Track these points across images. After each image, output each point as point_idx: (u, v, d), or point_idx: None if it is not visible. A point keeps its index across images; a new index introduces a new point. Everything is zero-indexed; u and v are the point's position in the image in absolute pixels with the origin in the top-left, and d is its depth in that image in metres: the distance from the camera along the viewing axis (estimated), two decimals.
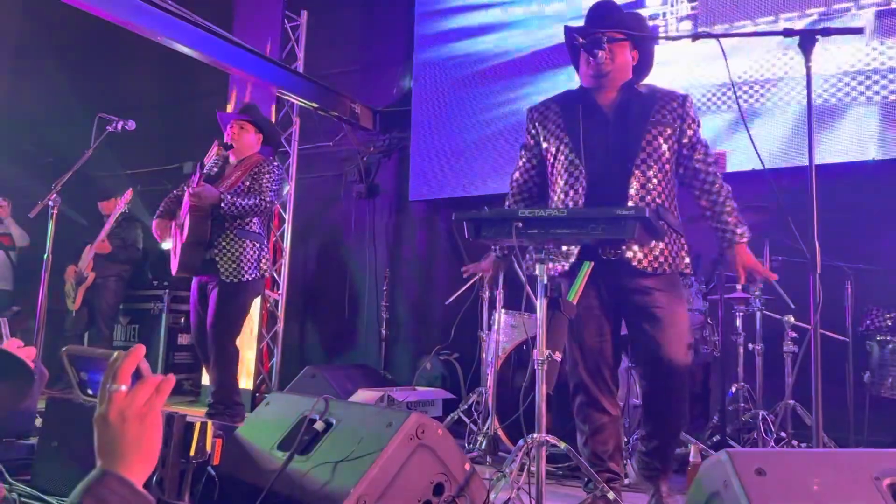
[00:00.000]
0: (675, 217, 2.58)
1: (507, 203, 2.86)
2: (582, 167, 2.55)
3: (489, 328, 4.10)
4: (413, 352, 5.83)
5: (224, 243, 3.93)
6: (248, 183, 4.00)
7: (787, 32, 2.23)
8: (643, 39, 2.67)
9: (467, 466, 2.14)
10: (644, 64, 2.70)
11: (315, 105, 5.89)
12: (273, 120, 6.11)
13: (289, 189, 6.14)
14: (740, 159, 4.30)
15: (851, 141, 4.24)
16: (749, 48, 4.53)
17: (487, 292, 4.25)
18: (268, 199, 3.96)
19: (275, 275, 6.08)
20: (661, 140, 2.54)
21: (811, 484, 1.49)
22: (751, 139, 2.45)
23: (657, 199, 2.52)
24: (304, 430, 2.22)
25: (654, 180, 2.53)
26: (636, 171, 2.52)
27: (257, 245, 4.02)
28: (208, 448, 2.20)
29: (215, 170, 4.17)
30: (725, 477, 1.50)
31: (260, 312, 5.90)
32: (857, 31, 2.28)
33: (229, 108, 6.18)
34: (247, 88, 6.07)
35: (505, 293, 4.00)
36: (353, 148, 6.39)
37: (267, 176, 4.00)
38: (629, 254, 2.48)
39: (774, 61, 4.47)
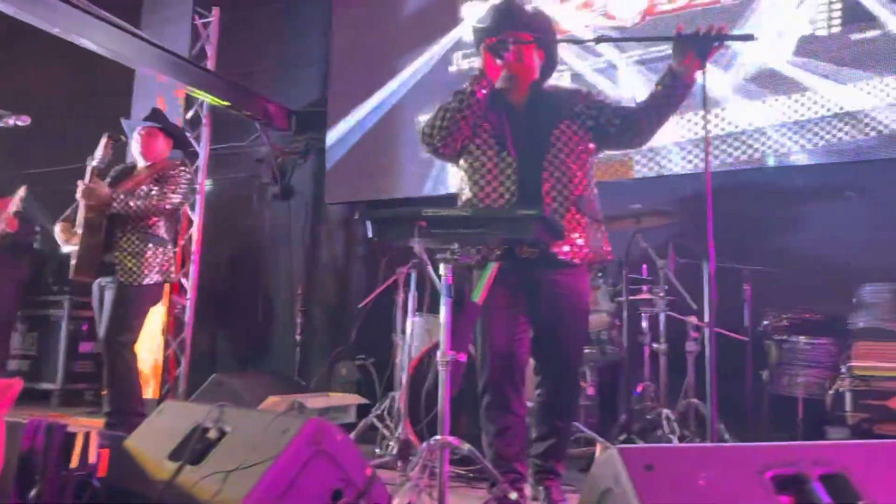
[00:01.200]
0: (595, 207, 2.61)
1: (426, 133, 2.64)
2: (513, 162, 2.55)
3: (403, 332, 4.07)
4: (328, 357, 5.72)
5: (125, 245, 3.80)
6: (151, 186, 3.89)
7: (682, 38, 2.28)
8: (548, 40, 2.70)
9: (368, 472, 2.10)
10: (550, 64, 2.75)
11: (227, 103, 5.73)
12: (183, 118, 5.92)
13: (196, 191, 5.94)
14: (645, 168, 4.43)
15: (751, 148, 4.41)
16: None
17: (402, 295, 4.21)
18: (168, 201, 3.84)
19: (182, 279, 5.87)
20: (571, 133, 2.58)
21: (698, 478, 1.51)
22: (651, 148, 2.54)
23: (574, 192, 2.54)
24: (196, 438, 2.13)
25: (569, 173, 2.54)
26: (549, 167, 2.54)
27: (161, 249, 3.90)
28: (92, 459, 2.09)
29: (118, 171, 4.05)
30: (615, 473, 1.51)
31: (166, 319, 5.68)
32: (749, 37, 2.35)
33: (134, 107, 5.95)
34: (153, 85, 5.84)
35: (420, 296, 3.98)
36: (268, 149, 6.25)
37: (172, 179, 3.90)
38: (553, 248, 2.49)
39: None
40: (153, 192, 3.84)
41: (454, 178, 5.10)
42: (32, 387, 6.06)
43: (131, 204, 3.75)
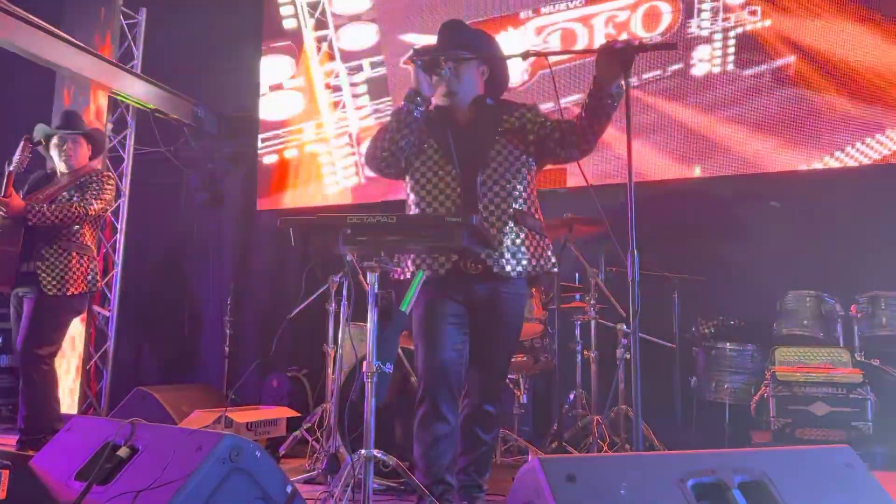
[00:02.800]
0: (536, 220, 2.61)
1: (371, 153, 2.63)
2: (456, 174, 2.54)
3: (334, 342, 3.98)
4: (259, 369, 5.57)
5: (47, 255, 3.67)
6: (71, 194, 3.78)
7: (606, 50, 2.30)
8: (492, 56, 2.71)
9: (289, 488, 2.02)
10: (497, 79, 2.75)
11: (152, 107, 5.55)
12: (105, 121, 5.70)
13: (121, 196, 5.73)
14: (579, 176, 4.45)
15: (679, 158, 4.50)
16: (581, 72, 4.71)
17: (333, 305, 4.13)
18: (89, 206, 3.72)
19: (105, 289, 5.63)
20: (511, 147, 2.59)
21: (619, 488, 1.50)
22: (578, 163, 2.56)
23: (514, 206, 2.53)
24: (105, 456, 2.01)
25: (508, 187, 2.54)
26: (488, 182, 2.54)
27: (86, 257, 3.79)
28: None
29: (39, 174, 3.93)
30: (537, 485, 1.48)
31: (87, 330, 5.44)
32: (671, 46, 2.38)
33: (55, 111, 5.69)
34: (72, 87, 5.61)
35: (352, 305, 3.89)
36: (197, 154, 6.07)
37: (94, 185, 3.81)
38: (489, 261, 2.47)
39: None
40: (74, 199, 3.73)
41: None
42: None
43: (48, 214, 3.63)
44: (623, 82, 2.30)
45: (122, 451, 2.03)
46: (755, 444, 3.54)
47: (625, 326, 3.81)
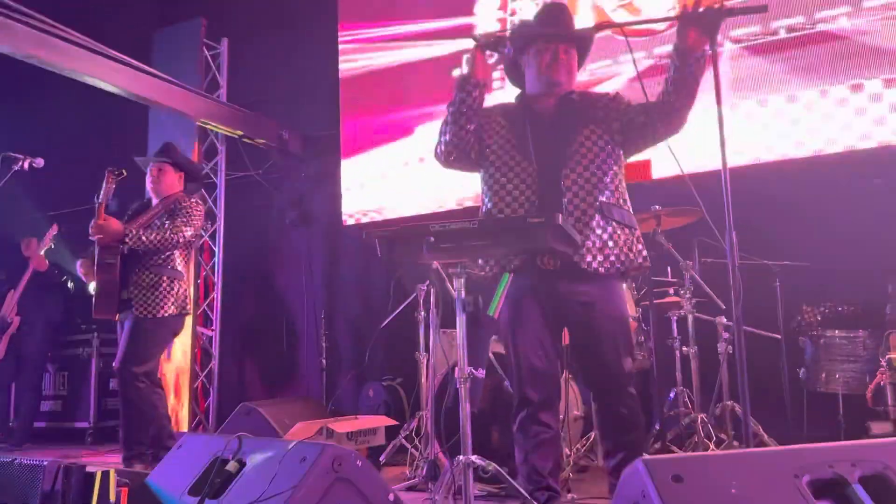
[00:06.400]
0: (625, 211, 2.53)
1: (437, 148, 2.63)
2: (534, 172, 2.50)
3: (426, 350, 4.01)
4: (355, 379, 5.68)
5: (139, 280, 3.86)
6: (163, 221, 3.95)
7: (687, 17, 2.22)
8: (587, 47, 2.65)
9: (391, 497, 2.04)
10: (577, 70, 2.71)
11: (239, 133, 5.77)
12: (197, 150, 5.96)
13: (216, 221, 5.97)
14: (664, 167, 4.31)
15: (774, 138, 4.30)
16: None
17: (423, 312, 4.16)
18: (181, 233, 3.88)
19: (207, 310, 5.88)
20: (595, 138, 2.52)
21: (729, 487, 1.44)
22: (669, 146, 2.47)
23: (600, 198, 2.46)
24: (215, 471, 2.09)
25: (593, 180, 2.47)
26: (572, 175, 2.47)
27: (176, 281, 3.94)
28: (112, 498, 2.07)
29: (134, 206, 4.13)
30: (643, 486, 1.44)
31: (193, 350, 5.69)
32: (761, 8, 2.25)
33: (150, 143, 6.00)
34: (167, 120, 5.89)
35: (441, 312, 3.91)
36: (284, 175, 6.26)
37: (183, 212, 3.96)
38: (575, 257, 2.40)
39: None
40: (166, 226, 3.88)
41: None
42: (66, 426, 6.11)
43: (143, 238, 3.79)
44: (709, 49, 2.21)
45: (231, 466, 2.10)
46: (874, 436, 3.33)
47: (724, 319, 3.67)
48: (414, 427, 4.09)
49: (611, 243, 2.45)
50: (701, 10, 2.23)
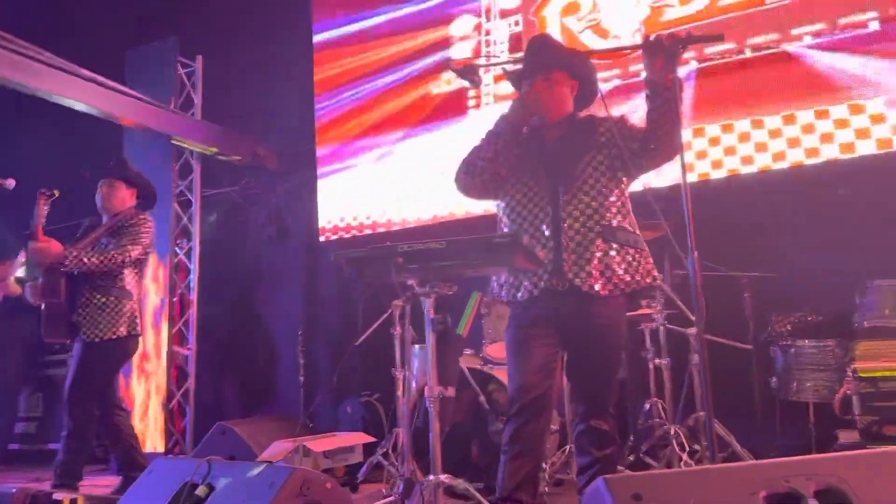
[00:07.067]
0: (630, 233, 2.55)
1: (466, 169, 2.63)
2: (545, 194, 2.53)
3: (402, 366, 4.01)
4: (334, 396, 5.67)
5: (87, 301, 3.72)
6: (108, 240, 3.80)
7: (649, 45, 2.27)
8: (582, 70, 2.68)
9: None
10: (586, 94, 2.73)
11: (214, 150, 5.77)
12: (173, 167, 5.94)
13: (192, 241, 5.95)
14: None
15: (739, 152, 4.38)
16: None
17: (398, 329, 4.16)
18: (127, 254, 3.73)
19: (183, 329, 5.85)
20: (597, 163, 2.54)
21: None
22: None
23: (601, 222, 2.48)
24: (184, 497, 2.09)
25: (594, 204, 2.50)
26: (573, 200, 2.50)
27: (125, 301, 3.79)
28: None
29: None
30: None
31: (168, 370, 5.65)
32: (718, 37, 2.32)
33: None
34: (142, 138, 5.87)
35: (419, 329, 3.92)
36: (260, 191, 6.26)
37: (130, 230, 3.81)
38: (577, 281, 2.43)
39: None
40: (110, 246, 3.74)
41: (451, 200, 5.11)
42: (40, 448, 6.03)
43: (84, 260, 3.64)
44: (674, 76, 2.25)
45: (201, 490, 2.10)
46: (842, 445, 3.38)
47: (695, 330, 3.71)
48: (391, 444, 4.08)
49: (614, 266, 2.47)
50: (653, 38, 2.29)
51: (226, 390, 6.34)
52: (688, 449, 3.59)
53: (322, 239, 5.87)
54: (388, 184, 5.54)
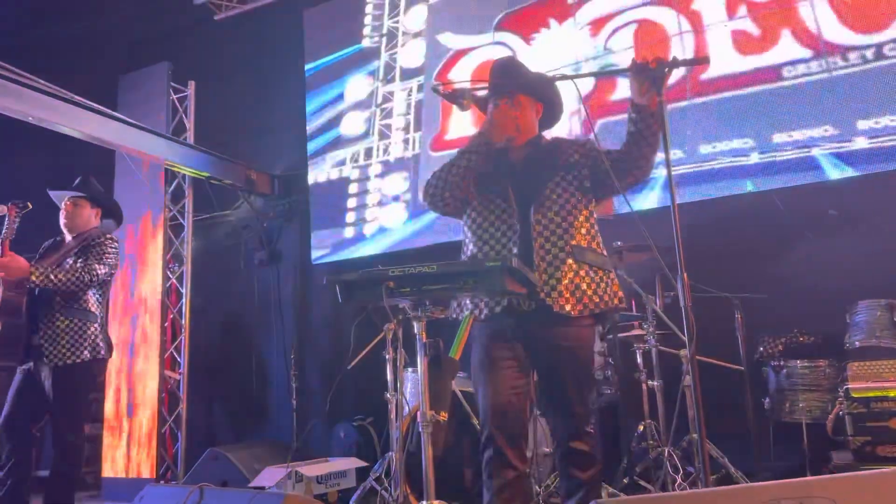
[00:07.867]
0: (598, 254, 2.55)
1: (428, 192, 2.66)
2: (514, 212, 2.53)
3: (395, 390, 3.99)
4: (327, 421, 5.63)
5: (49, 323, 3.56)
6: (75, 259, 3.68)
7: (635, 69, 2.29)
8: (546, 93, 2.70)
9: None
10: (550, 115, 2.76)
11: (206, 174, 5.77)
12: (164, 192, 5.94)
13: (184, 265, 5.94)
14: (625, 204, 4.40)
15: (729, 175, 4.42)
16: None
17: (390, 352, 4.15)
18: (94, 272, 3.61)
19: (175, 353, 5.82)
20: (566, 184, 2.56)
21: None
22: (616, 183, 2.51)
23: (571, 242, 2.49)
24: None
25: (564, 225, 2.51)
26: (543, 220, 2.51)
27: (92, 324, 3.65)
28: None
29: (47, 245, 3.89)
30: None
31: (160, 395, 5.61)
32: (704, 61, 2.35)
33: (116, 187, 5.99)
34: (134, 163, 5.87)
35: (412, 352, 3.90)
36: (252, 214, 6.27)
37: (97, 249, 3.69)
38: (548, 301, 2.43)
39: None
40: (78, 265, 3.61)
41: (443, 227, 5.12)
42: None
43: (52, 277, 3.49)
44: (659, 99, 2.28)
45: None
46: (835, 466, 3.37)
47: (688, 352, 3.71)
48: (384, 469, 4.05)
49: (583, 286, 2.48)
50: (641, 63, 2.31)
51: (218, 415, 6.30)
52: (682, 471, 3.58)
53: (315, 262, 5.88)
54: (381, 206, 5.56)
